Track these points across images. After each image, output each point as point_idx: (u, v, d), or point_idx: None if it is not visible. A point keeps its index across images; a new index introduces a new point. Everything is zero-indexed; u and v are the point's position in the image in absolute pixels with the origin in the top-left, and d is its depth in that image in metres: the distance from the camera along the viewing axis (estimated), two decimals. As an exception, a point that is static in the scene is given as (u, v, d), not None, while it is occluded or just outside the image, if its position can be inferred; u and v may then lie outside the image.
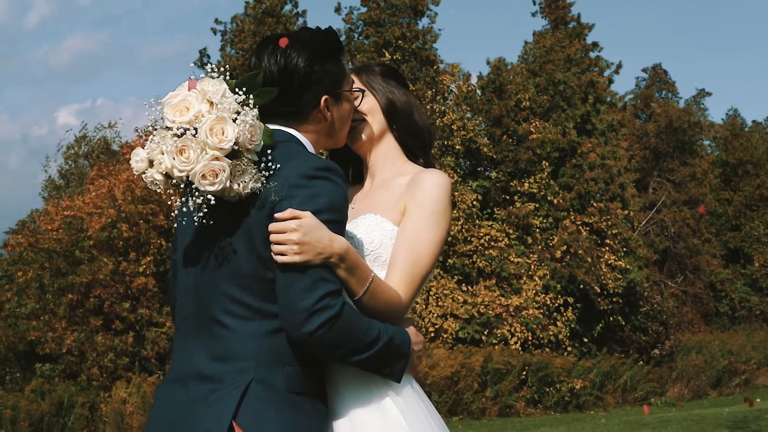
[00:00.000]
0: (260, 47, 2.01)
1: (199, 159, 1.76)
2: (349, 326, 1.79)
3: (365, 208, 2.16)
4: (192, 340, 1.89)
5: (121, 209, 14.12)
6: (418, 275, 2.02)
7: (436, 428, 1.96)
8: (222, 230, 1.86)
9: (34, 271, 14.23)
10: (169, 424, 1.84)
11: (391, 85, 2.26)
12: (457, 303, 16.00)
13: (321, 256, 1.79)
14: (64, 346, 13.37)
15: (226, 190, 1.79)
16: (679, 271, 26.14)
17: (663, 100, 28.71)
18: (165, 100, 1.82)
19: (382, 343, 1.86)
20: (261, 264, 1.82)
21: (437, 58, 18.97)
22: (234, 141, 1.77)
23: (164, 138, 1.80)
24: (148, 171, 1.83)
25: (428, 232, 2.05)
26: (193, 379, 1.85)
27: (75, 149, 26.69)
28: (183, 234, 1.98)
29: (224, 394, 1.79)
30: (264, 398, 1.79)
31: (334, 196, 1.85)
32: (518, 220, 17.62)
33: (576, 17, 20.91)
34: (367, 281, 1.88)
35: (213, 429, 1.75)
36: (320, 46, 2.01)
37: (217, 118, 1.77)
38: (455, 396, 13.87)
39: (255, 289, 1.83)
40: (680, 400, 17.34)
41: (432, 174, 2.12)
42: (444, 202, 2.08)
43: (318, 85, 1.99)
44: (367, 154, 2.25)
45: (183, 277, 1.95)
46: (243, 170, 1.80)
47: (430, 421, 1.96)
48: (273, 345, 1.82)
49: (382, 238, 2.07)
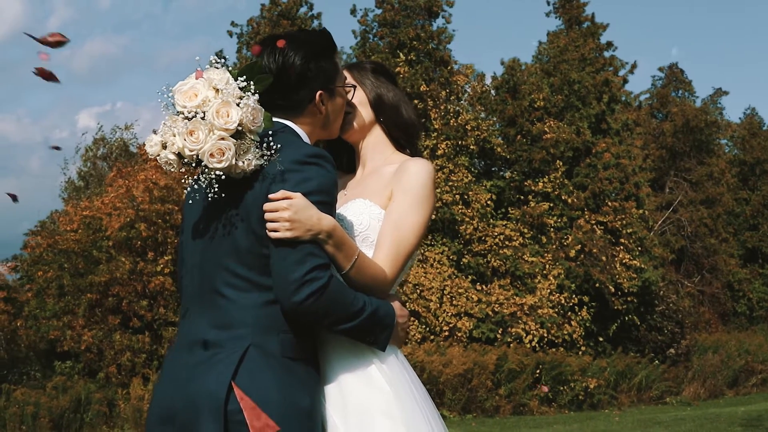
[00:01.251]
0: (261, 46, 2.19)
1: (207, 139, 1.96)
2: (336, 297, 1.97)
3: (356, 193, 2.33)
4: (197, 311, 2.09)
5: (140, 209, 14.32)
6: (402, 254, 2.20)
7: (418, 395, 2.13)
8: (224, 212, 2.05)
9: (54, 271, 14.46)
10: (175, 386, 2.03)
11: (381, 81, 2.44)
12: (471, 302, 16.05)
13: (310, 233, 1.97)
14: (82, 343, 13.60)
15: (232, 168, 1.98)
16: (696, 270, 26.02)
17: (680, 100, 28.59)
18: (175, 87, 2.03)
19: (367, 313, 2.03)
20: (257, 241, 2.01)
21: (451, 59, 19.05)
22: (238, 122, 1.96)
23: (175, 122, 2.00)
24: (162, 152, 2.02)
25: (412, 215, 2.23)
26: (197, 345, 2.04)
27: (93, 151, 27.03)
28: (190, 216, 2.17)
29: (224, 357, 1.97)
30: (260, 362, 1.97)
31: (324, 180, 2.04)
32: (532, 219, 17.65)
33: (590, 17, 20.90)
34: (354, 257, 2.06)
35: (214, 388, 1.94)
36: (315, 45, 2.20)
37: (222, 102, 1.97)
38: (469, 394, 13.94)
39: (253, 264, 2.01)
40: (696, 400, 17.28)
41: (417, 162, 2.30)
42: (427, 188, 2.26)
43: (313, 81, 2.18)
44: (357, 143, 2.44)
45: (189, 255, 2.15)
46: (247, 149, 1.99)
47: (412, 388, 2.13)
48: (269, 314, 2.01)
49: (370, 220, 2.25)
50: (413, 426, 2.06)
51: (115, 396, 13.23)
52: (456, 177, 17.18)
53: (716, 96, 28.97)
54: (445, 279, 16.18)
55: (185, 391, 1.99)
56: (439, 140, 17.56)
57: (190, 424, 1.96)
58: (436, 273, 16.23)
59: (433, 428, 2.11)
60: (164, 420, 2.03)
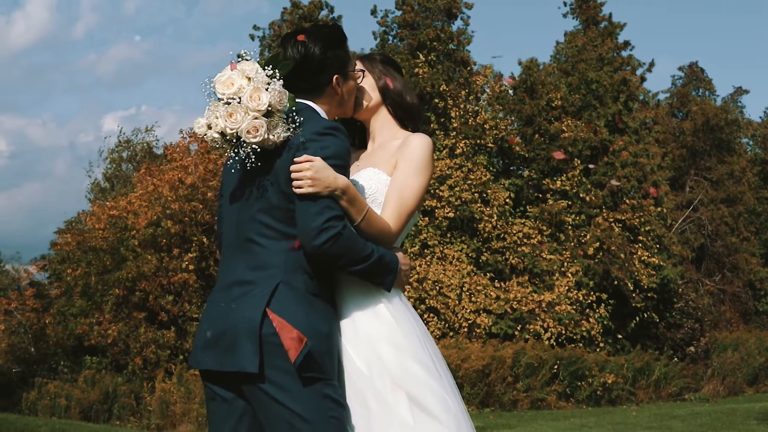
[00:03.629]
0: (284, 40, 2.64)
1: (244, 119, 2.40)
2: (348, 242, 2.40)
3: (367, 164, 2.77)
4: (234, 258, 2.52)
5: (166, 207, 14.69)
6: (404, 212, 2.63)
7: (419, 330, 2.53)
8: (257, 177, 2.50)
9: (82, 268, 14.86)
10: (217, 316, 2.47)
11: (387, 70, 2.88)
12: (490, 299, 16.24)
13: (328, 189, 2.39)
14: (108, 337, 13.97)
15: (265, 141, 2.42)
16: (717, 269, 25.99)
17: (700, 99, 28.55)
18: (215, 78, 2.46)
19: (375, 258, 2.46)
20: (285, 198, 2.45)
21: (470, 60, 19.27)
22: (268, 104, 2.40)
23: (217, 107, 2.44)
24: (208, 132, 2.47)
25: (414, 180, 2.66)
26: (235, 284, 2.47)
27: (118, 153, 27.56)
28: (229, 182, 2.61)
29: (259, 292, 2.42)
30: (288, 295, 2.41)
31: (339, 147, 2.48)
32: (551, 217, 17.79)
33: (607, 17, 21.03)
34: (364, 211, 2.50)
35: (250, 315, 2.38)
36: (331, 37, 2.64)
37: (254, 89, 2.40)
38: (487, 388, 14.15)
39: (281, 217, 2.46)
40: (715, 397, 17.32)
41: (418, 137, 2.74)
42: (426, 158, 2.70)
43: (331, 67, 2.61)
44: (367, 121, 2.88)
45: (228, 213, 2.59)
46: (276, 125, 2.44)
47: (413, 323, 2.55)
48: (295, 258, 2.45)
49: (378, 185, 2.68)
50: (413, 353, 2.47)
51: (141, 389, 13.61)
52: (475, 176, 17.38)
53: (736, 95, 28.88)
54: (464, 276, 16.38)
55: (226, 319, 2.42)
56: (458, 139, 17.78)
57: (231, 345, 2.38)
58: (455, 270, 16.44)
59: (431, 357, 2.51)
60: (208, 344, 2.46)
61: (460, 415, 2.48)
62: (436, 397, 2.44)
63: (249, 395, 2.43)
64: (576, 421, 12.11)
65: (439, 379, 2.49)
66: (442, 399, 2.45)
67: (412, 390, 2.43)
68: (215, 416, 2.53)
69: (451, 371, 2.61)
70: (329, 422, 2.37)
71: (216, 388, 2.50)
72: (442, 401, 2.45)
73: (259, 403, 2.40)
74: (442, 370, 2.54)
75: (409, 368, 2.45)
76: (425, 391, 2.44)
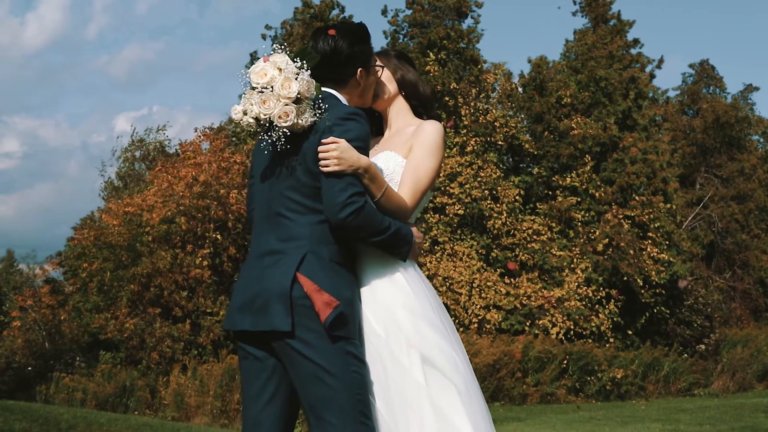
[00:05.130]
0: (315, 35, 2.90)
1: (276, 105, 2.68)
2: (369, 216, 2.68)
3: (384, 147, 3.06)
4: (266, 231, 2.80)
5: (180, 203, 14.90)
6: (419, 190, 2.92)
7: (431, 298, 2.80)
8: (287, 158, 2.77)
9: (98, 263, 15.09)
10: (250, 282, 2.74)
11: (402, 64, 3.18)
12: (499, 294, 16.38)
13: (351, 168, 2.66)
14: (125, 331, 14.20)
15: (294, 125, 2.69)
16: (727, 266, 26.01)
17: (711, 96, 28.56)
18: (250, 70, 2.74)
19: (392, 230, 2.74)
20: (312, 177, 2.71)
21: (480, 58, 19.40)
22: (297, 92, 2.68)
23: (252, 95, 2.73)
24: (243, 118, 2.75)
25: (427, 161, 2.94)
26: (267, 254, 2.75)
27: (131, 152, 27.86)
28: (260, 163, 2.89)
29: (288, 260, 2.69)
30: (315, 263, 2.68)
31: (360, 131, 2.75)
32: (560, 213, 17.90)
33: (616, 15, 21.13)
34: (383, 188, 2.77)
35: (281, 280, 2.66)
36: (357, 34, 2.91)
37: (285, 78, 2.68)
38: (497, 382, 14.29)
39: (308, 194, 2.72)
40: (725, 392, 17.36)
41: (431, 123, 3.03)
42: (438, 142, 2.98)
43: (356, 60, 2.89)
44: (385, 110, 3.17)
45: (259, 190, 2.87)
46: (304, 110, 2.71)
47: (426, 291, 2.82)
48: (321, 230, 2.72)
49: (395, 166, 2.96)
50: (426, 318, 2.74)
51: (156, 383, 13.83)
52: (485, 173, 17.51)
53: (747, 92, 28.88)
54: (474, 272, 16.53)
55: (259, 284, 2.69)
56: (468, 137, 17.92)
57: (263, 307, 2.66)
58: (465, 267, 16.58)
59: (443, 321, 2.79)
60: (243, 307, 2.73)
61: (468, 373, 2.74)
62: (445, 356, 2.70)
63: (280, 352, 2.70)
64: (585, 414, 12.24)
65: (449, 340, 2.75)
66: (452, 358, 2.72)
67: (424, 350, 2.69)
68: (248, 373, 2.80)
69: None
70: (352, 375, 2.63)
71: (249, 348, 2.78)
72: (452, 360, 2.71)
73: (289, 359, 2.67)
74: (452, 334, 2.80)
75: (422, 330, 2.71)
76: (436, 351, 2.70)
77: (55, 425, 6.51)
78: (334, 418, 2.60)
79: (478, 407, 2.70)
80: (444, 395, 2.67)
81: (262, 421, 2.76)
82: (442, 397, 2.67)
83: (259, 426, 2.76)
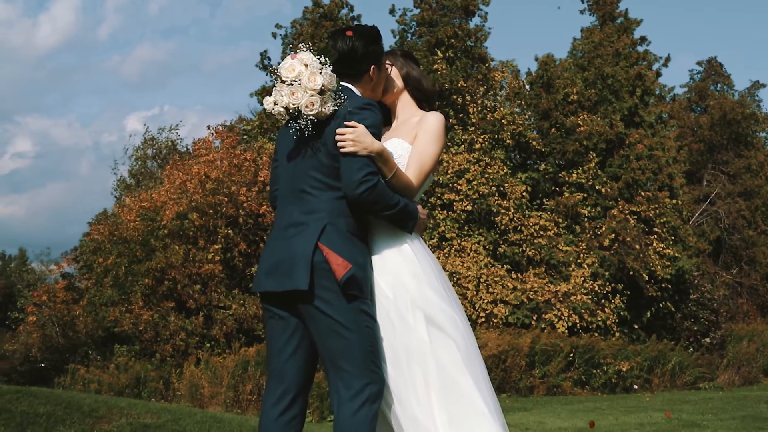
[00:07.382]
0: (334, 35, 3.28)
1: (303, 96, 3.06)
2: (381, 193, 3.06)
3: (392, 135, 3.44)
4: (290, 205, 3.17)
5: (193, 200, 15.18)
6: (423, 172, 3.30)
7: (434, 267, 3.23)
8: (310, 141, 3.15)
9: (113, 258, 15.39)
10: (276, 250, 3.12)
11: (408, 62, 3.57)
12: (507, 289, 16.58)
13: (366, 150, 3.04)
14: (141, 323, 14.50)
15: (319, 113, 3.07)
16: (734, 262, 26.12)
17: (718, 93, 28.65)
18: (279, 66, 3.13)
19: (401, 206, 3.12)
20: (332, 158, 3.09)
21: (488, 56, 19.60)
22: (322, 85, 3.06)
23: (282, 87, 3.10)
24: (274, 107, 3.14)
25: (430, 147, 3.33)
26: (291, 226, 3.13)
27: (143, 150, 28.20)
28: (284, 146, 3.28)
29: (311, 230, 3.06)
30: (334, 233, 3.05)
31: (375, 119, 3.14)
32: (567, 209, 18.08)
33: (624, 13, 21.31)
34: (393, 169, 3.15)
35: (304, 247, 3.03)
36: (371, 35, 3.29)
37: (311, 73, 3.07)
38: (503, 374, 14.51)
39: (329, 173, 3.10)
40: (730, 386, 17.47)
41: (433, 114, 3.41)
42: (440, 130, 3.37)
43: (370, 59, 3.28)
44: (392, 104, 3.57)
45: (285, 170, 3.25)
46: (327, 101, 3.09)
47: (429, 260, 3.24)
48: (339, 205, 3.09)
49: (402, 151, 3.33)
50: (429, 282, 3.14)
51: (170, 375, 14.12)
52: (492, 170, 17.72)
53: (754, 89, 28.94)
54: (481, 268, 16.74)
55: (284, 251, 3.08)
56: (476, 134, 18.14)
57: (288, 271, 3.03)
58: (473, 262, 16.81)
59: (444, 287, 3.19)
60: (269, 272, 3.11)
61: (466, 331, 3.13)
62: (446, 316, 3.09)
63: (302, 311, 3.06)
64: (590, 405, 12.42)
65: (450, 302, 3.14)
66: (452, 318, 3.10)
67: (427, 310, 3.08)
68: (273, 331, 3.19)
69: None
70: (365, 330, 3.02)
71: (274, 309, 3.17)
72: (452, 320, 3.10)
73: (310, 316, 3.04)
74: (452, 297, 3.19)
75: (425, 293, 3.10)
76: (438, 311, 3.09)
77: (77, 409, 6.79)
78: (349, 367, 2.99)
79: (475, 360, 3.09)
80: (445, 350, 3.05)
81: (286, 371, 3.16)
82: (443, 351, 3.04)
83: (283, 375, 3.17)
